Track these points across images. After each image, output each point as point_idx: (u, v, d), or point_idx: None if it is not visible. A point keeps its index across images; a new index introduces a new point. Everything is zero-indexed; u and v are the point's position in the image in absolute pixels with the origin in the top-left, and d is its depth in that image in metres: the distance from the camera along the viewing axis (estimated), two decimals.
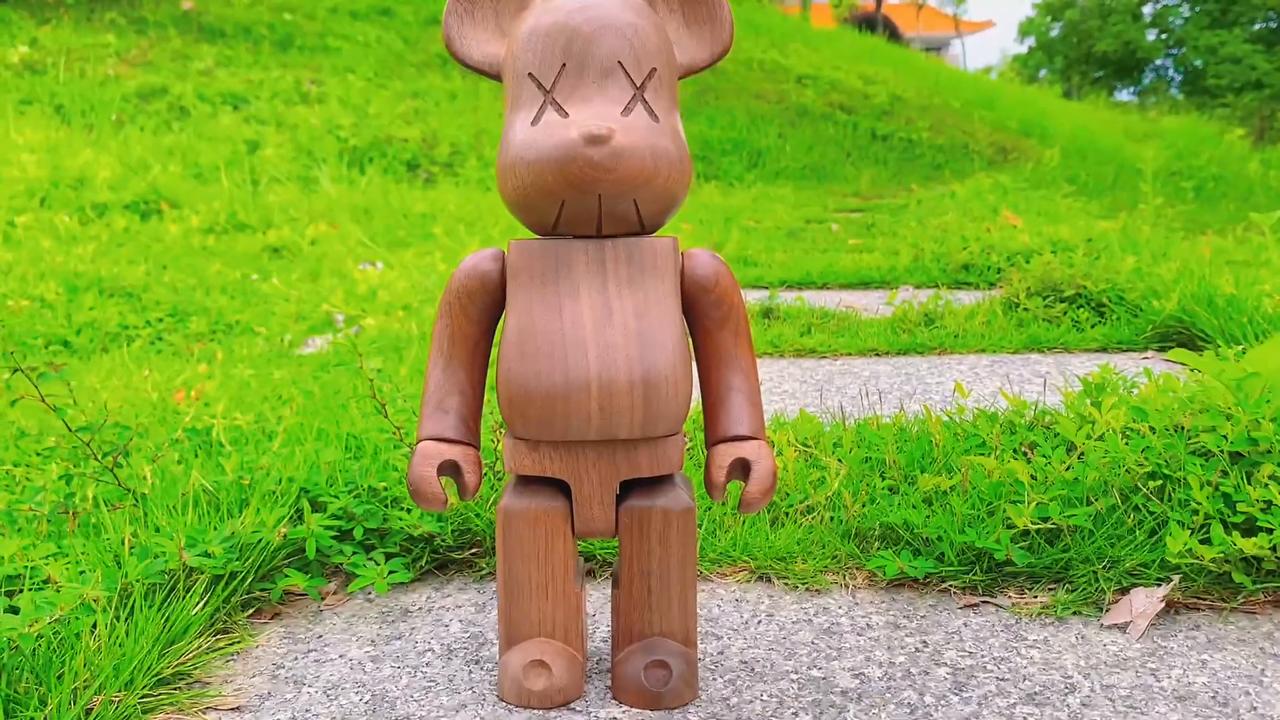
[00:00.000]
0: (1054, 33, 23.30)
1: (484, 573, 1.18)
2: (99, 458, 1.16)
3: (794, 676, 0.96)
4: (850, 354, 2.18)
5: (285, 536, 1.07)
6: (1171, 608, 1.08)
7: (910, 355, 2.16)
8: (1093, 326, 2.22)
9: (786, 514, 1.25)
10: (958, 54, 28.70)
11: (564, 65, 0.85)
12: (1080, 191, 7.37)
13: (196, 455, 1.53)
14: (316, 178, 5.64)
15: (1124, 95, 22.42)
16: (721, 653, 1.01)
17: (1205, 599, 1.09)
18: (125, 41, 8.22)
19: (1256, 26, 20.53)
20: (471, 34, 0.93)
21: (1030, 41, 24.25)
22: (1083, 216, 5.28)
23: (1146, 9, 21.73)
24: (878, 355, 2.17)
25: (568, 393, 0.85)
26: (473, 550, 1.19)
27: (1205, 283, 2.07)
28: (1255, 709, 0.90)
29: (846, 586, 1.14)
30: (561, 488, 0.92)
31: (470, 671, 0.98)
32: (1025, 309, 2.31)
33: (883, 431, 1.37)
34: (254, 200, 4.53)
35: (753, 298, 2.69)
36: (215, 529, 1.07)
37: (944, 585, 1.13)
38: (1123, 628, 1.04)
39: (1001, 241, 3.16)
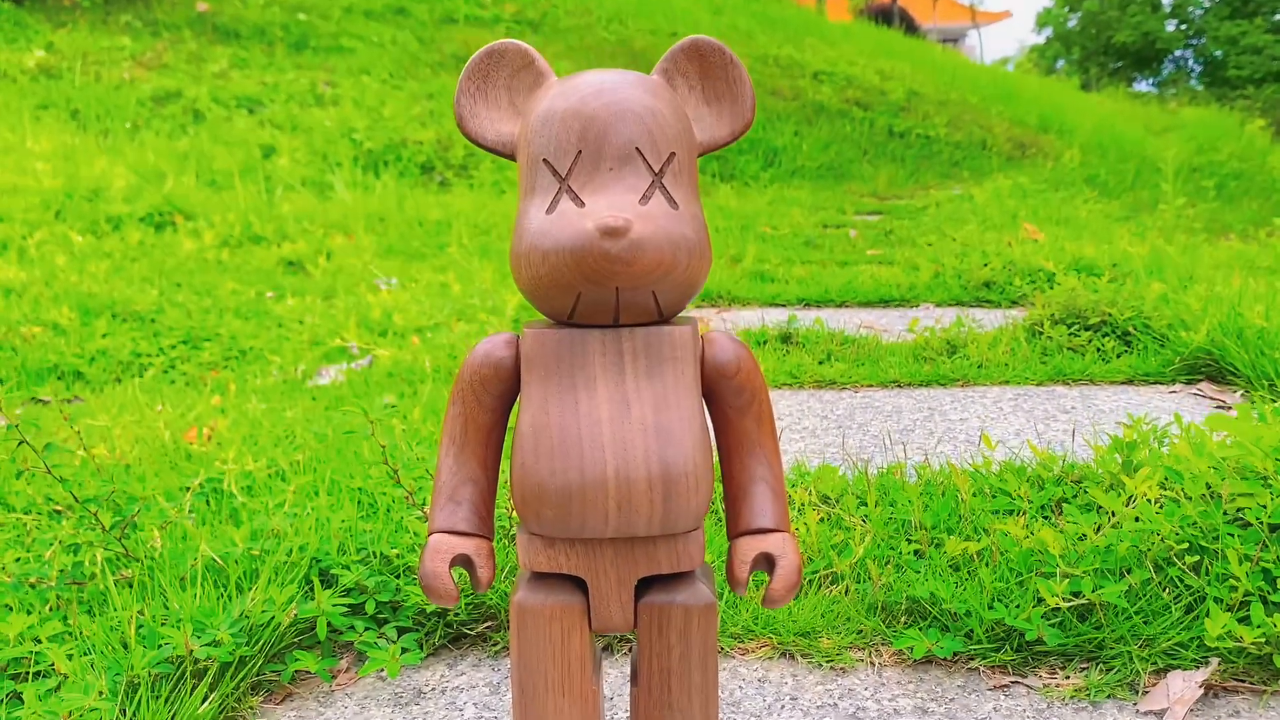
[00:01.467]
0: (1072, 23, 23.11)
1: (498, 647, 1.15)
2: (106, 529, 1.13)
3: None
4: (871, 385, 2.14)
5: (296, 616, 1.04)
6: (1209, 690, 1.04)
7: (932, 387, 2.12)
8: (1119, 356, 2.17)
9: (810, 582, 1.22)
10: (974, 45, 28.52)
11: (580, 152, 0.82)
12: (1100, 191, 7.30)
13: (208, 503, 1.51)
14: (331, 184, 5.62)
15: (1142, 86, 22.22)
16: None
17: (1244, 681, 1.05)
18: (140, 44, 8.23)
19: (1277, 17, 20.31)
20: (485, 113, 0.90)
21: (1048, 32, 24.05)
22: (1102, 221, 5.22)
23: None
24: (899, 387, 2.13)
25: (584, 490, 0.82)
26: (487, 624, 1.16)
27: (1235, 313, 2.02)
28: None
29: (872, 664, 1.11)
30: (577, 582, 0.89)
31: None
32: (1049, 337, 2.26)
33: (909, 491, 1.33)
34: (269, 210, 4.51)
35: (771, 320, 2.66)
36: (224, 608, 1.04)
37: (972, 664, 1.10)
38: (1159, 714, 1.01)
39: (1023, 257, 3.11)
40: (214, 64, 8.10)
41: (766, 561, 0.89)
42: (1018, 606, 1.10)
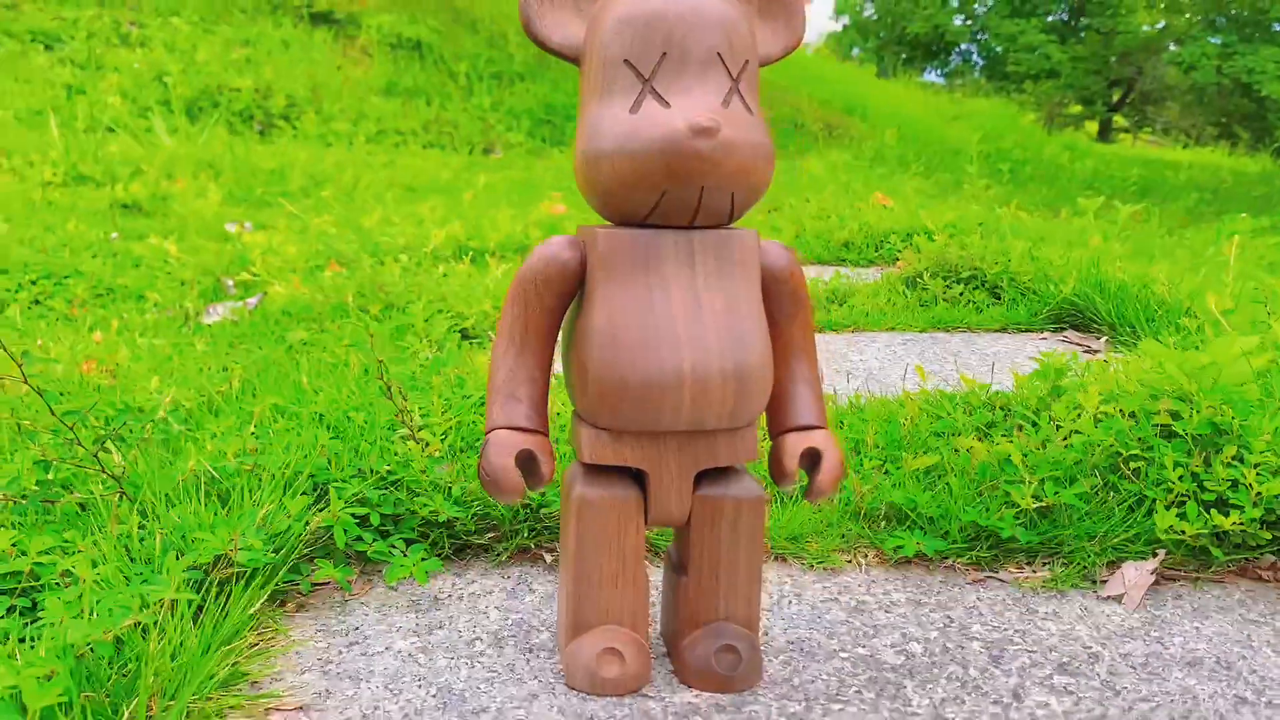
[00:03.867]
0: (868, 12, 24.10)
1: (503, 558, 1.16)
2: (85, 445, 1.08)
3: (843, 655, 1.00)
4: None
5: (314, 526, 1.03)
6: (1156, 578, 1.17)
7: (826, 333, 2.23)
8: (990, 307, 2.35)
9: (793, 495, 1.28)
10: None
11: (664, 54, 0.85)
12: (914, 171, 7.72)
13: (143, 435, 1.44)
14: (151, 128, 5.30)
15: (931, 76, 23.44)
16: (766, 634, 1.04)
17: (1181, 570, 1.19)
18: None
19: (1050, 19, 21.78)
20: (551, 15, 0.91)
21: (845, 20, 25.01)
22: (922, 198, 5.54)
23: None
24: None
25: (663, 384, 0.85)
26: (491, 535, 1.17)
27: (1096, 269, 2.22)
28: (1255, 671, 0.99)
29: (859, 565, 1.18)
30: (632, 474, 0.92)
31: (528, 660, 0.97)
32: (925, 288, 2.41)
33: (863, 413, 1.42)
34: (92, 151, 4.22)
35: None
36: (238, 519, 1.02)
37: (947, 562, 1.19)
38: (1118, 599, 1.13)
39: (878, 221, 3.28)
40: None
41: (808, 458, 0.95)
42: (987, 510, 1.20)
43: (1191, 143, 19.72)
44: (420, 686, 0.92)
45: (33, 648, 0.82)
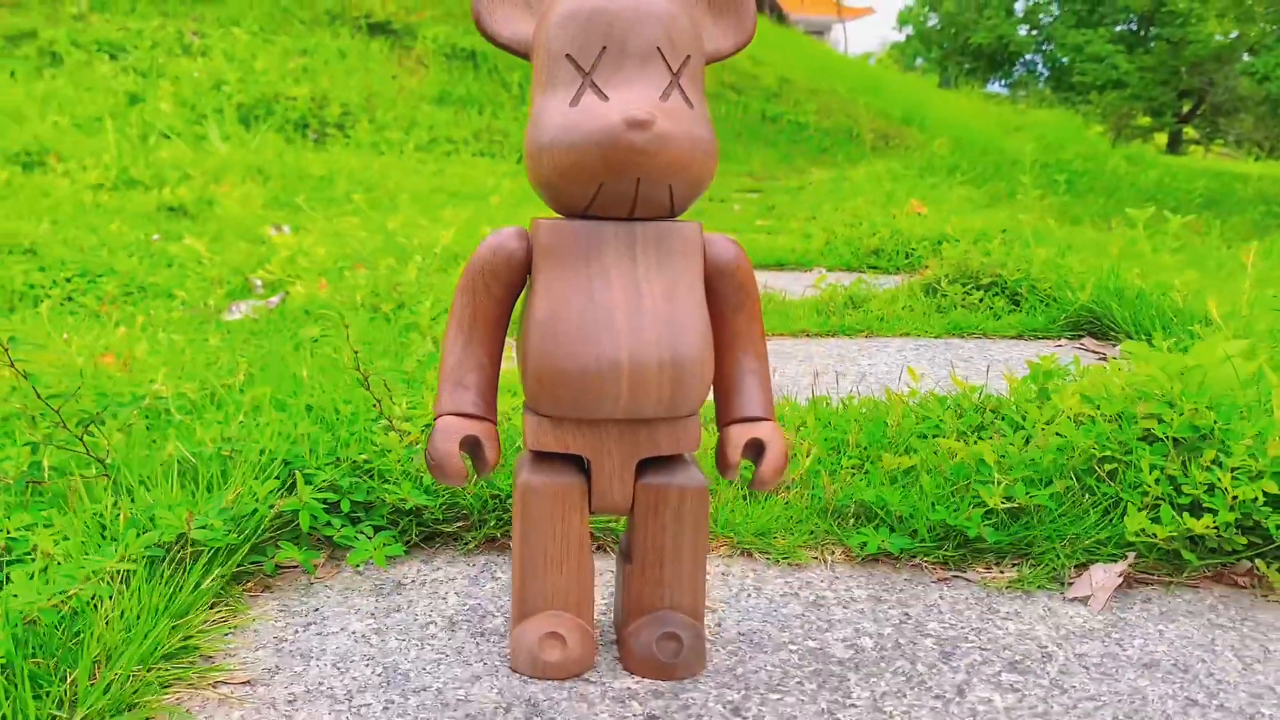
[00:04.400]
0: (932, 23, 23.91)
1: (470, 546, 1.18)
2: (69, 427, 1.12)
3: (792, 648, 1.00)
4: (783, 335, 2.23)
5: (280, 509, 1.06)
6: (1125, 582, 1.16)
7: (839, 337, 2.23)
8: (1008, 313, 2.32)
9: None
10: (839, 39, 29.24)
11: (604, 49, 0.86)
12: (962, 180, 7.65)
13: (146, 423, 1.49)
14: (205, 134, 5.44)
15: (995, 87, 23.16)
16: (719, 624, 1.04)
17: (1154, 574, 1.17)
18: None
19: (1118, 28, 21.42)
20: (501, 11, 0.93)
21: (908, 30, 24.83)
22: (969, 206, 5.49)
23: (1018, 4, 22.48)
24: (809, 336, 2.23)
25: (600, 373, 0.87)
26: (460, 524, 1.19)
27: (1115, 277, 2.19)
28: (1212, 674, 0.98)
29: (825, 561, 1.19)
30: (578, 463, 0.93)
31: (477, 644, 0.99)
32: (944, 294, 2.40)
33: (849, 414, 1.42)
34: (144, 156, 4.34)
35: None
36: (205, 501, 1.05)
37: (915, 560, 1.19)
38: (1084, 600, 1.12)
39: (909, 228, 3.27)
40: (71, 6, 7.69)
41: (753, 449, 0.96)
42: (956, 510, 1.20)
43: (1264, 155, 19.26)
44: (368, 665, 0.94)
45: None
